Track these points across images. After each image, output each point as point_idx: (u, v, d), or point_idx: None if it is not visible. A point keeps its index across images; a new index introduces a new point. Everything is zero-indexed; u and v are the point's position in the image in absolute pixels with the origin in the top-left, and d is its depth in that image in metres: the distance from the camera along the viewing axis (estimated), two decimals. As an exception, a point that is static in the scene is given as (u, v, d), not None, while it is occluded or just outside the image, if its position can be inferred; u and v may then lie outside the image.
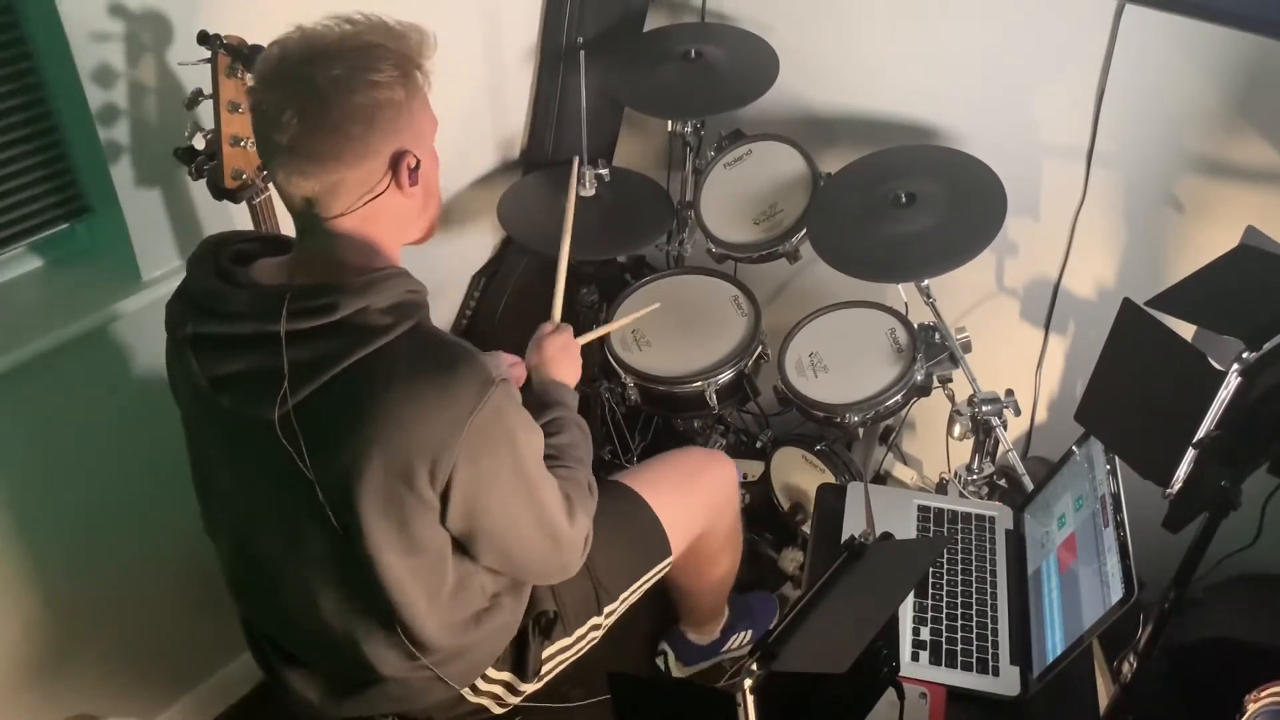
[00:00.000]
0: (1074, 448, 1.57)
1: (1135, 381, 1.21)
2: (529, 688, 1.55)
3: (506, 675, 1.52)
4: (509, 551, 1.35)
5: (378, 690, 1.41)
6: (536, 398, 1.55)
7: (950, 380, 1.96)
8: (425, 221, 1.31)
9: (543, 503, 1.33)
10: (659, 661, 2.17)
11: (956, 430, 1.93)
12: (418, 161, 1.21)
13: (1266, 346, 1.08)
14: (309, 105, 1.13)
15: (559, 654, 1.58)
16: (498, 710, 1.54)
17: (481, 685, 1.49)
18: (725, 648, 2.16)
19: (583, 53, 2.05)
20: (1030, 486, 1.84)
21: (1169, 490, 1.16)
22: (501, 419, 1.23)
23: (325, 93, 1.13)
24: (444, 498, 1.23)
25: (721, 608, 2.11)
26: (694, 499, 1.77)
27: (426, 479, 1.20)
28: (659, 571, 1.72)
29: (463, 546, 1.33)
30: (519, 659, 1.52)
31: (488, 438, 1.21)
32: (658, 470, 1.79)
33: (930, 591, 1.57)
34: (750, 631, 2.17)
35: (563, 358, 1.61)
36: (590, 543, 1.43)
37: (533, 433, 1.31)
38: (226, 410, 1.23)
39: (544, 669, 1.56)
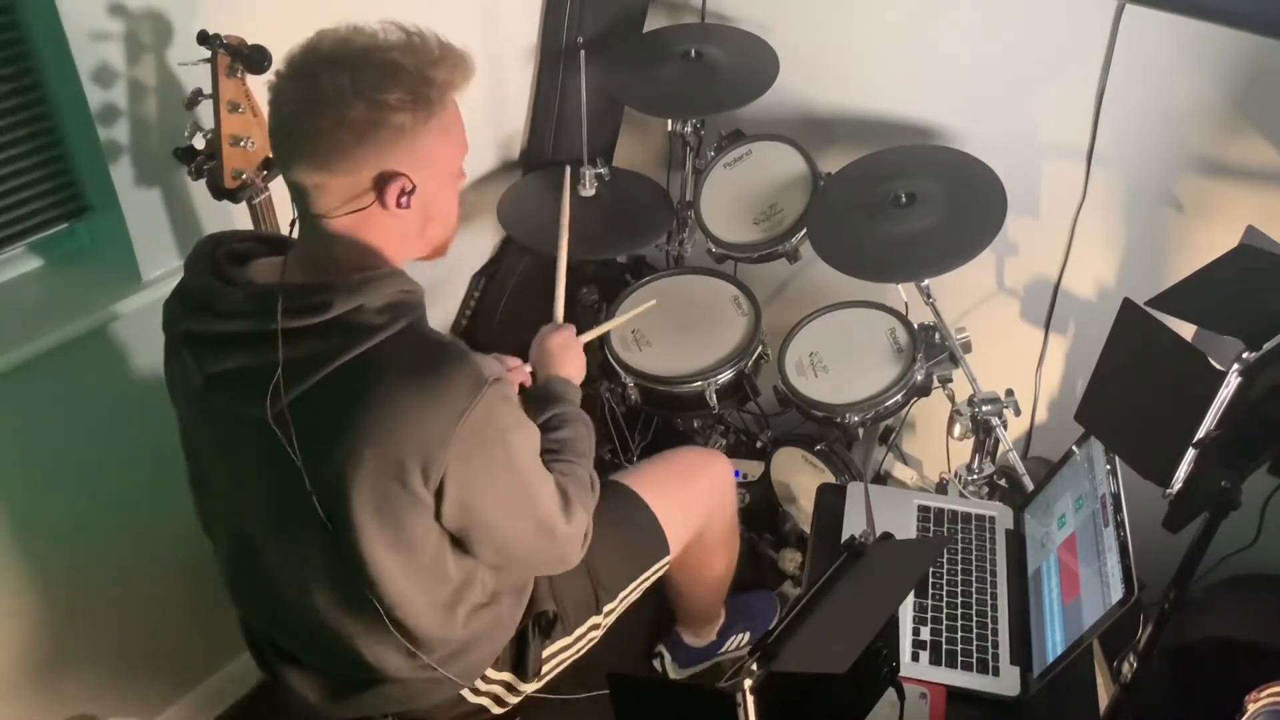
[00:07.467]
0: (1074, 448, 1.57)
1: (1135, 381, 1.20)
2: (529, 688, 1.55)
3: (506, 675, 1.52)
4: (505, 548, 1.35)
5: (377, 691, 1.41)
6: (539, 393, 1.56)
7: (950, 380, 1.96)
8: (425, 244, 1.29)
9: (538, 500, 1.33)
10: (655, 664, 2.17)
11: (956, 430, 1.93)
12: (413, 187, 1.19)
13: (1266, 346, 1.08)
14: (307, 103, 1.14)
15: (559, 653, 1.58)
16: (497, 710, 1.54)
17: (481, 685, 1.49)
18: (722, 650, 2.15)
19: (583, 53, 2.05)
20: (1030, 486, 1.84)
21: (1169, 490, 1.16)
22: (494, 419, 1.23)
23: (325, 96, 1.13)
24: (438, 496, 1.23)
25: (718, 609, 2.10)
26: (691, 497, 1.77)
27: (419, 478, 1.20)
28: (658, 570, 1.72)
29: (460, 543, 1.33)
30: (519, 659, 1.52)
31: (480, 437, 1.21)
32: (655, 469, 1.79)
33: (930, 591, 1.57)
34: (749, 633, 2.16)
35: (565, 353, 1.61)
36: (590, 537, 1.44)
37: (527, 431, 1.31)
38: (221, 408, 1.24)
39: (544, 669, 1.56)
